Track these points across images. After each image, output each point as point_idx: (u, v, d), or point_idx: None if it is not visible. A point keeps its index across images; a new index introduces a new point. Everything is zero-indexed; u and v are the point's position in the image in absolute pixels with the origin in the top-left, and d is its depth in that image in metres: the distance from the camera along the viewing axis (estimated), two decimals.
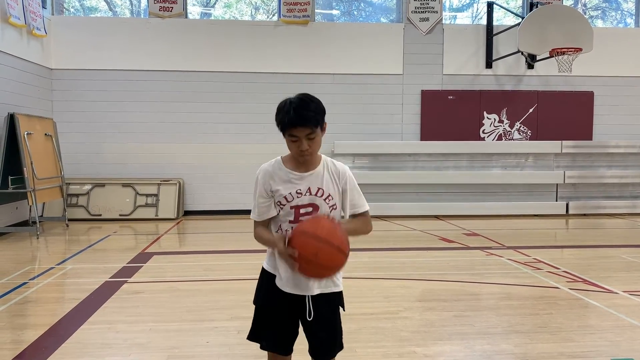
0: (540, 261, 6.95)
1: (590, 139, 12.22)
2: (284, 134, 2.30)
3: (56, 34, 11.14)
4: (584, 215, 11.74)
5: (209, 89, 11.43)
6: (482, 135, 12.09)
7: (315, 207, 2.37)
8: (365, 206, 2.51)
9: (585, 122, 12.25)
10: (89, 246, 8.19)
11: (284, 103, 2.27)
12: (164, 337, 4.21)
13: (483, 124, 12.09)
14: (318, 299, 2.43)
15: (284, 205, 2.36)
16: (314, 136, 2.27)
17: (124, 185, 11.06)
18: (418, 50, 11.92)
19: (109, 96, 11.28)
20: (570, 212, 11.70)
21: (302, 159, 2.33)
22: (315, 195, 2.37)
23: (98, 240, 8.65)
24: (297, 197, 2.35)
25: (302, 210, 2.35)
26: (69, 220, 10.25)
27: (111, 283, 5.89)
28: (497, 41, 12.01)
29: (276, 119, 2.29)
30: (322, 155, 2.48)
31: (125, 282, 5.93)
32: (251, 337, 2.55)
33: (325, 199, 2.37)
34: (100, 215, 10.84)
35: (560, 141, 11.79)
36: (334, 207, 2.40)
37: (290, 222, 2.37)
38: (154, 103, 11.38)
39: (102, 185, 11.02)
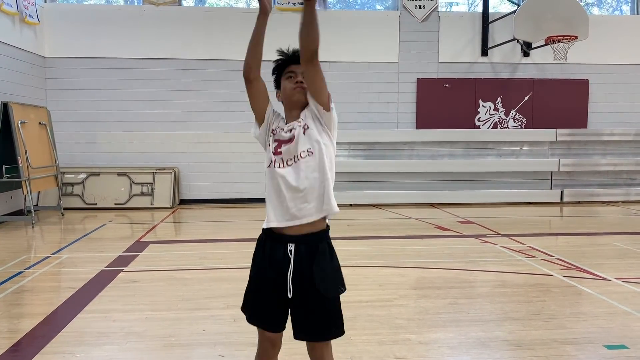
0: (535, 249, 6.99)
1: (585, 126, 12.24)
2: (280, 78, 2.55)
3: (49, 22, 11.05)
4: (579, 202, 11.79)
5: (203, 77, 11.37)
6: (477, 123, 12.10)
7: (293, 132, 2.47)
8: None
9: (580, 110, 12.27)
10: (85, 235, 8.19)
11: (282, 50, 2.59)
12: (161, 326, 4.23)
13: (478, 112, 12.10)
14: (299, 280, 2.40)
15: (270, 137, 2.52)
16: None
17: (119, 174, 11.04)
18: (414, 38, 11.88)
19: (103, 84, 11.22)
20: (565, 199, 11.74)
21: (296, 96, 2.48)
22: (296, 128, 2.47)
23: (94, 229, 8.65)
24: (280, 131, 2.50)
25: (283, 145, 2.46)
26: (64, 209, 10.23)
27: (107, 272, 5.90)
28: (493, 29, 11.98)
29: (274, 66, 2.59)
30: None
31: (121, 271, 5.94)
32: (242, 307, 2.60)
33: (304, 129, 2.45)
34: (95, 204, 10.83)
35: (555, 129, 11.81)
36: (306, 127, 2.46)
37: (273, 153, 2.48)
38: (148, 91, 11.33)
39: (97, 174, 10.99)
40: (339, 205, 2.49)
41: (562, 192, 11.77)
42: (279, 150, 2.46)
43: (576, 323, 4.26)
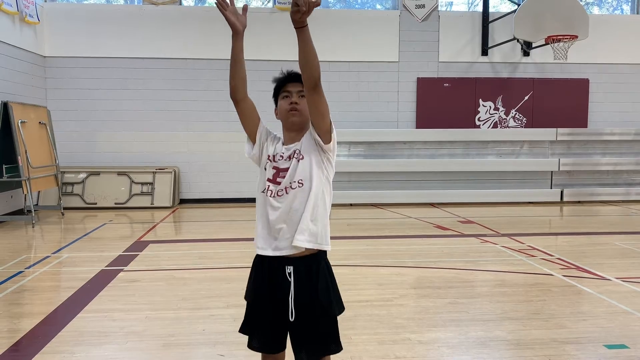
0: (535, 248, 6.99)
1: (585, 126, 12.24)
2: (278, 97, 2.50)
3: (49, 21, 11.04)
4: (579, 202, 11.79)
5: (203, 76, 11.37)
6: (477, 122, 12.09)
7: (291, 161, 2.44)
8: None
9: (580, 110, 12.27)
10: (85, 235, 8.19)
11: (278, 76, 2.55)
12: (160, 325, 4.23)
13: (478, 112, 12.09)
14: (301, 302, 2.39)
15: (267, 163, 2.47)
16: (304, 95, 2.40)
17: (119, 173, 11.04)
18: (414, 37, 11.87)
19: (103, 84, 11.22)
20: (565, 199, 11.73)
21: (291, 119, 2.44)
22: (293, 157, 2.43)
23: (94, 229, 8.65)
24: (280, 159, 2.45)
25: (281, 174, 2.43)
26: (64, 208, 10.23)
27: (107, 271, 5.90)
28: (492, 28, 11.97)
29: (274, 90, 2.52)
30: None
31: (121, 270, 5.94)
32: (242, 329, 2.59)
33: (298, 160, 2.42)
34: (95, 203, 10.83)
35: (555, 129, 11.80)
36: (301, 157, 2.42)
37: (268, 180, 2.44)
38: (148, 91, 11.33)
39: (97, 173, 10.99)
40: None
41: (562, 192, 11.76)
42: (277, 179, 2.42)
43: (576, 323, 4.26)
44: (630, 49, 12.31)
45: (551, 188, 11.91)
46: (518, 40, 11.54)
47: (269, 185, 2.42)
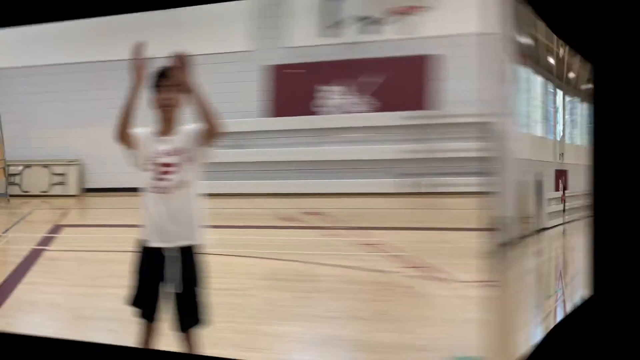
0: (380, 243, 6.83)
1: (434, 108, 11.01)
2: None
3: None
4: (425, 193, 10.65)
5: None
6: (325, 108, 11.66)
7: (173, 164, 2.73)
8: None
9: (426, 91, 11.13)
10: (22, 218, 9.47)
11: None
12: (73, 300, 4.98)
13: (326, 97, 11.66)
14: (184, 274, 2.76)
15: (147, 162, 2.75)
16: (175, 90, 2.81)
17: (44, 166, 12.65)
18: (261, 24, 11.79)
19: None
20: (410, 190, 10.71)
21: (163, 114, 2.81)
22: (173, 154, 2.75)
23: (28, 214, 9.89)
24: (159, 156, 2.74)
25: (162, 169, 2.77)
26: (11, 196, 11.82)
27: (37, 251, 6.85)
28: (339, 8, 11.41)
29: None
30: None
31: (44, 250, 6.93)
32: (130, 301, 2.92)
33: (180, 156, 2.77)
34: (28, 192, 12.41)
35: (405, 111, 10.91)
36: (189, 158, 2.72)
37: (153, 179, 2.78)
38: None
39: (29, 166, 12.44)
40: None
41: (406, 181, 10.76)
42: (160, 177, 2.82)
43: (423, 328, 4.12)
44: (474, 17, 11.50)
45: (396, 177, 10.85)
46: (362, 18, 10.97)
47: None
